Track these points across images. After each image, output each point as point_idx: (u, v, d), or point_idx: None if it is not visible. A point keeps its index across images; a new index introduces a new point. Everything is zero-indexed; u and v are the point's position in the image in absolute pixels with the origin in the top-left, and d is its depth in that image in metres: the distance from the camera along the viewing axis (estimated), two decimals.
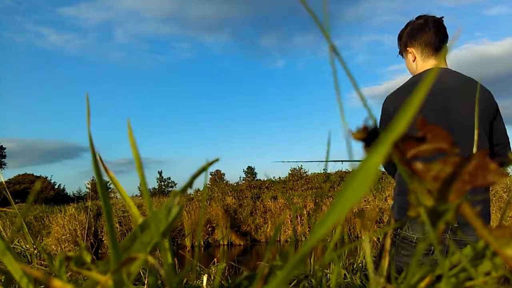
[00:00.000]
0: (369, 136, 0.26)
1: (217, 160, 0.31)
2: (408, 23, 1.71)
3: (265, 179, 13.73)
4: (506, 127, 1.62)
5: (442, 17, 1.66)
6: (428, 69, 1.60)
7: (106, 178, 0.35)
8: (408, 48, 1.69)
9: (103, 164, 0.36)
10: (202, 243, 10.53)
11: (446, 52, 1.51)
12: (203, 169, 0.31)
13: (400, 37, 1.75)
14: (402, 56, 1.78)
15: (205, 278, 0.58)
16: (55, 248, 9.25)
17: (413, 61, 1.68)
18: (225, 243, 11.09)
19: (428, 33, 1.62)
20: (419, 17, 1.68)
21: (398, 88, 1.61)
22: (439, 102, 1.49)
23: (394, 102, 1.56)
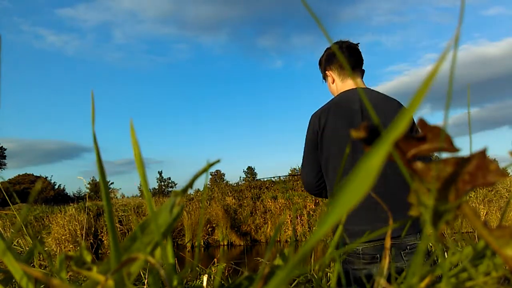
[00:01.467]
0: (370, 135, 0.26)
1: (218, 161, 0.31)
2: (325, 50, 1.88)
3: (265, 179, 13.71)
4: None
5: (358, 43, 1.82)
6: (350, 89, 1.73)
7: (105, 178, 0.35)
8: (327, 72, 1.85)
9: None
10: (202, 243, 10.53)
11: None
12: (204, 170, 0.31)
13: (320, 63, 1.91)
14: (326, 80, 1.92)
15: (205, 278, 0.58)
16: (55, 249, 9.25)
17: (333, 83, 1.84)
18: (225, 243, 11.09)
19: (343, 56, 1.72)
20: (335, 43, 1.83)
21: (324, 106, 1.73)
22: (357, 120, 1.61)
23: (321, 120, 1.67)
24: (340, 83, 1.79)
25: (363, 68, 1.82)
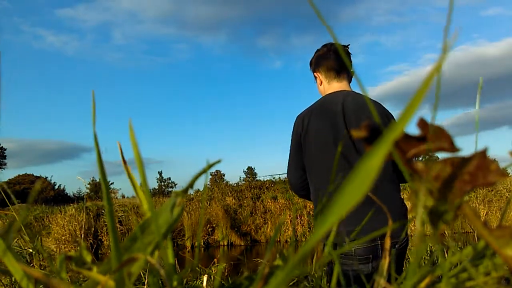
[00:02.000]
0: (370, 135, 0.26)
1: (218, 161, 0.31)
2: (316, 51, 1.92)
3: (265, 180, 13.72)
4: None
5: (348, 44, 1.85)
6: (334, 91, 1.78)
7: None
8: (315, 73, 1.91)
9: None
10: (202, 243, 10.52)
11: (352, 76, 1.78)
12: (204, 171, 0.31)
13: (310, 64, 1.96)
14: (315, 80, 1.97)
15: (205, 278, 0.58)
16: (55, 249, 9.25)
17: (320, 85, 1.89)
18: (225, 243, 11.09)
19: (329, 59, 1.83)
20: (324, 46, 1.90)
21: (308, 108, 1.79)
22: (340, 122, 1.65)
23: (304, 121, 1.72)
24: (326, 85, 1.84)
25: (352, 70, 1.82)
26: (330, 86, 1.82)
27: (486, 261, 0.29)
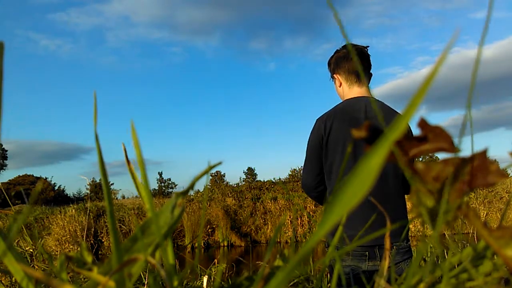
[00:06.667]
0: (371, 135, 0.26)
1: (219, 163, 0.31)
2: (335, 51, 1.88)
3: (265, 180, 13.72)
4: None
5: (367, 46, 1.81)
6: (355, 97, 1.75)
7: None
8: (334, 75, 1.86)
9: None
10: (202, 244, 10.52)
11: (368, 81, 1.82)
12: (205, 172, 0.31)
13: (329, 64, 1.92)
14: (333, 81, 1.93)
15: (205, 279, 0.58)
16: (55, 249, 9.25)
17: (340, 87, 1.85)
18: (225, 244, 11.08)
19: (351, 61, 1.79)
20: (344, 46, 1.85)
21: (329, 111, 1.77)
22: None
23: (326, 125, 1.71)
24: (346, 88, 1.81)
25: (370, 71, 1.85)
26: (351, 90, 1.78)
27: (486, 261, 0.29)
